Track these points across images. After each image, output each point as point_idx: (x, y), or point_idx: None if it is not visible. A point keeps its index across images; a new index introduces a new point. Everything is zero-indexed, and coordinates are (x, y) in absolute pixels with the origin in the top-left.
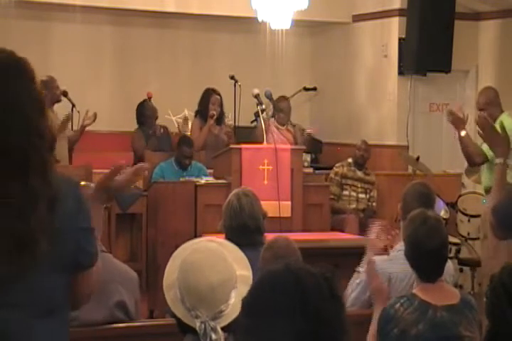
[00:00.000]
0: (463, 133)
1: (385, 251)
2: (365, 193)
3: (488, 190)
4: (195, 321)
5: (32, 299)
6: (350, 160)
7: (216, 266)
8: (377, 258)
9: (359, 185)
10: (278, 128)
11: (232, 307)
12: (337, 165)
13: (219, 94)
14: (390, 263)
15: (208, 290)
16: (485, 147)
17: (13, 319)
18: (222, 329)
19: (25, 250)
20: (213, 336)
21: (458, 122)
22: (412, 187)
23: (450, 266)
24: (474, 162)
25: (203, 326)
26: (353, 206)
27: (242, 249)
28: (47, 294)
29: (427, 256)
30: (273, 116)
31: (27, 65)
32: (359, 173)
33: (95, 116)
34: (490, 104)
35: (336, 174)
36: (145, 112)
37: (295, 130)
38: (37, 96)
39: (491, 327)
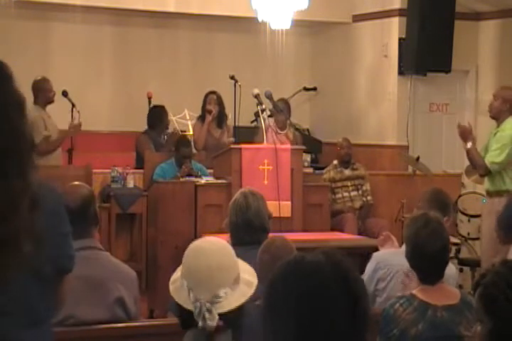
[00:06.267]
0: (468, 145)
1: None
2: (357, 190)
3: (489, 193)
4: (192, 303)
5: (16, 308)
6: (335, 162)
7: (218, 252)
8: (384, 252)
9: (349, 184)
10: (277, 133)
11: (230, 297)
12: (324, 171)
13: (215, 94)
14: (397, 256)
15: (206, 271)
16: (486, 159)
17: None
18: (219, 316)
19: (9, 251)
20: (207, 315)
21: (465, 134)
22: (429, 193)
23: (453, 269)
24: (479, 173)
25: (198, 304)
26: (349, 205)
27: (246, 247)
28: (31, 304)
29: (428, 259)
30: (270, 116)
31: (4, 66)
32: (347, 172)
33: (80, 125)
34: (503, 98)
35: (325, 181)
36: (161, 122)
37: (295, 135)
38: (16, 97)
39: (493, 327)
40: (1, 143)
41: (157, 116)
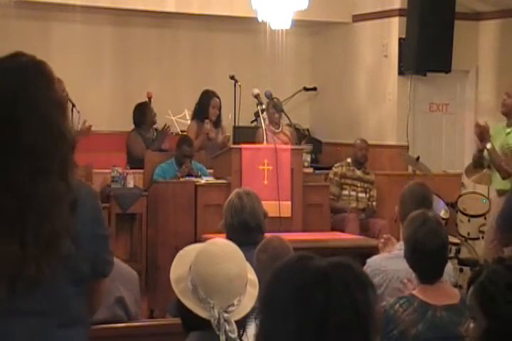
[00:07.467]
0: (488, 145)
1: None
2: (365, 192)
3: (500, 193)
4: (206, 312)
5: (53, 308)
6: (349, 160)
7: (234, 259)
8: (379, 257)
9: (358, 184)
10: (274, 133)
11: (242, 302)
12: (336, 165)
13: (218, 97)
14: (391, 261)
15: (225, 281)
16: None
17: (33, 326)
18: None
19: (50, 251)
20: (227, 327)
21: (483, 134)
22: (409, 189)
23: (449, 266)
24: (502, 176)
25: (217, 315)
26: (353, 205)
27: (242, 247)
28: (67, 304)
29: (427, 257)
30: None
31: (46, 67)
32: (358, 172)
33: (90, 129)
34: None
35: (335, 174)
36: (145, 117)
37: (292, 131)
38: (57, 98)
39: (488, 327)
40: (45, 144)
41: (139, 111)
